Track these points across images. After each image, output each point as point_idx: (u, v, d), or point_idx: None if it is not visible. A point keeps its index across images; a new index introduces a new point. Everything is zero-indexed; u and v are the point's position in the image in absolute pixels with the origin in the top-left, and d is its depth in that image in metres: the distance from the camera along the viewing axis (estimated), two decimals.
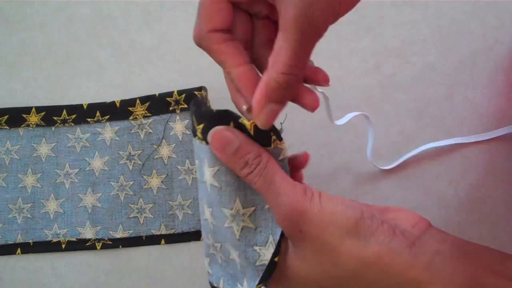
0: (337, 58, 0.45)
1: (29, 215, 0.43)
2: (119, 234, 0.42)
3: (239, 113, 0.28)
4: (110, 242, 0.42)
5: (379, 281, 0.27)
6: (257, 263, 0.29)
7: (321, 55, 0.45)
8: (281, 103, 0.26)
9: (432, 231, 0.28)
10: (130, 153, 0.43)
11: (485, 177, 0.43)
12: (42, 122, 0.44)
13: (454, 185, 0.43)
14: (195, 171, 0.41)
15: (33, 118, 0.44)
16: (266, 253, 0.28)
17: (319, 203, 0.27)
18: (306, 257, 0.27)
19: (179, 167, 0.43)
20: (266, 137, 0.27)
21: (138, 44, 0.45)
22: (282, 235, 0.28)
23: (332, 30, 0.46)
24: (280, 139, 0.28)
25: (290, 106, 0.28)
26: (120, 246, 0.42)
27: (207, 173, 0.28)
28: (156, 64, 0.45)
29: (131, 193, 0.43)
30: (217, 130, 0.26)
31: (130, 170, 0.43)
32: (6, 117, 0.44)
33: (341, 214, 0.27)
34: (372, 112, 0.44)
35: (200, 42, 0.27)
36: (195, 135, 0.28)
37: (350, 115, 0.37)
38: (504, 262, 0.27)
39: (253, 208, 0.29)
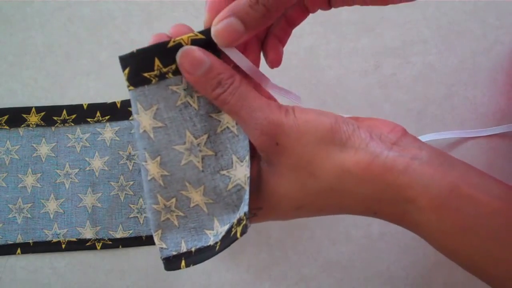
0: (337, 58, 0.45)
1: (29, 215, 0.43)
2: (119, 234, 0.42)
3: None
4: (110, 242, 0.42)
5: (358, 188, 0.26)
6: (229, 187, 0.28)
7: (321, 55, 0.45)
8: (244, 23, 0.25)
9: (408, 137, 0.28)
10: (130, 153, 0.43)
11: None
12: (42, 122, 0.44)
13: None
14: None
15: (33, 118, 0.44)
16: (236, 173, 0.27)
17: (293, 115, 0.26)
18: (283, 172, 0.27)
19: None
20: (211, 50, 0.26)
21: (138, 44, 0.45)
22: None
23: (333, 30, 0.46)
24: (218, 55, 0.27)
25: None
26: (120, 246, 0.42)
27: (145, 118, 0.27)
28: None
29: (131, 193, 0.43)
30: (186, 50, 0.25)
31: (130, 170, 0.43)
32: (6, 117, 0.44)
33: (315, 121, 0.26)
34: (372, 112, 0.44)
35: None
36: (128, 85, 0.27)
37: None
38: (482, 178, 0.27)
39: (206, 136, 0.28)
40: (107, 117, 0.44)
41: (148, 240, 0.42)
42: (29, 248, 0.42)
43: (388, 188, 0.26)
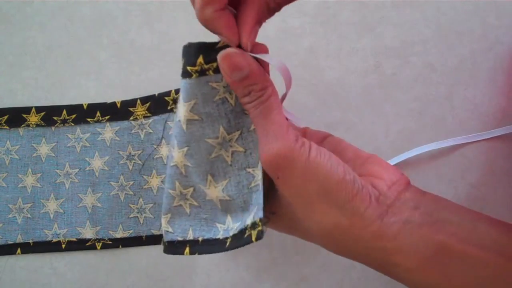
0: (337, 58, 0.45)
1: (29, 215, 0.43)
2: (119, 234, 0.42)
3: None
4: (110, 242, 0.42)
5: (349, 245, 0.27)
6: (252, 185, 0.28)
7: (321, 55, 0.45)
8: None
9: (407, 195, 0.28)
10: (130, 153, 0.43)
11: (485, 177, 0.43)
12: (42, 122, 0.44)
13: (454, 185, 0.43)
14: None
15: (33, 118, 0.44)
16: (259, 173, 0.28)
17: (307, 154, 0.26)
18: (281, 201, 0.28)
19: None
20: None
21: (138, 44, 0.45)
22: None
23: (333, 30, 0.46)
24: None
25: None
26: (120, 246, 0.42)
27: (182, 109, 0.27)
28: (156, 64, 0.45)
29: (131, 193, 0.43)
30: (230, 53, 0.26)
31: (130, 170, 0.43)
32: (6, 117, 0.44)
33: (325, 171, 0.26)
34: (372, 112, 0.44)
35: (207, 23, 0.26)
36: (183, 74, 0.27)
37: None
38: (475, 227, 0.27)
39: (238, 132, 0.28)
40: (107, 117, 0.44)
41: (148, 240, 0.42)
42: (29, 248, 0.42)
43: (377, 251, 0.27)
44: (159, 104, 0.43)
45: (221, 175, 0.29)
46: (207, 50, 0.26)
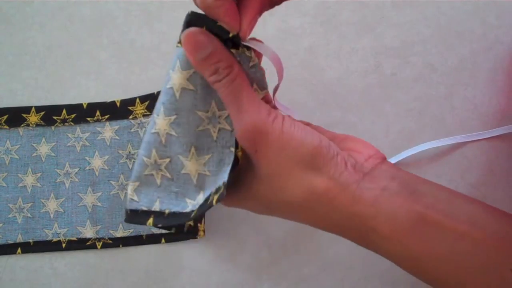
0: (337, 58, 0.45)
1: (29, 215, 0.43)
2: (119, 233, 0.42)
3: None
4: (111, 241, 0.42)
5: (325, 212, 0.27)
6: (233, 163, 0.28)
7: (321, 55, 0.45)
8: None
9: (384, 167, 0.28)
10: (130, 152, 0.43)
11: (485, 177, 0.43)
12: (41, 121, 0.44)
13: (454, 185, 0.43)
14: None
15: (33, 118, 0.44)
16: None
17: (281, 126, 0.26)
18: (258, 174, 0.28)
19: None
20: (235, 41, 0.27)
21: (138, 44, 0.45)
22: None
23: (333, 30, 0.46)
24: (242, 46, 0.27)
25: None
26: (121, 245, 0.42)
27: (178, 77, 0.27)
28: (156, 64, 0.45)
29: None
30: (191, 32, 0.26)
31: (130, 169, 0.43)
32: (5, 116, 0.44)
33: (299, 140, 0.26)
34: (372, 112, 0.44)
35: (207, 7, 0.26)
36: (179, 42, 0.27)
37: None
38: (451, 201, 0.27)
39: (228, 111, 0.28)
40: (106, 116, 0.44)
41: (148, 239, 0.42)
42: (29, 247, 0.42)
43: (353, 217, 0.27)
44: None
45: (205, 149, 0.29)
46: (211, 22, 0.26)
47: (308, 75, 0.45)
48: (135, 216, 0.29)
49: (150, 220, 0.29)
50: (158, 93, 0.43)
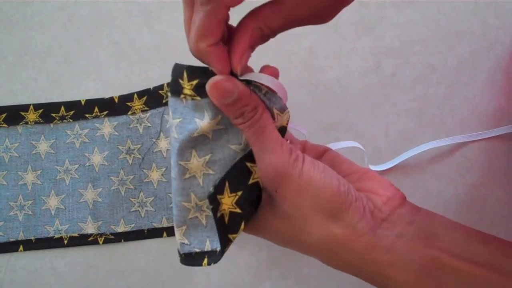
0: (337, 58, 0.45)
1: (30, 212, 0.43)
2: (121, 228, 0.42)
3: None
4: (112, 237, 0.42)
5: (343, 256, 0.28)
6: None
7: (321, 55, 0.45)
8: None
9: (402, 211, 0.28)
10: (129, 148, 0.43)
11: (484, 177, 0.43)
12: (40, 119, 0.44)
13: (454, 185, 0.43)
14: None
15: (31, 116, 0.44)
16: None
17: (301, 167, 0.27)
18: (279, 214, 0.28)
19: None
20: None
21: (138, 44, 0.45)
22: None
23: (333, 30, 0.46)
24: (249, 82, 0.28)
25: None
26: (122, 240, 0.42)
27: (208, 125, 0.28)
28: (156, 64, 0.45)
29: (132, 187, 0.43)
30: (217, 81, 0.26)
31: (130, 164, 0.43)
32: (4, 115, 0.44)
33: (319, 184, 0.27)
34: (372, 112, 0.44)
35: (200, 55, 0.27)
36: (178, 94, 0.28)
37: (346, 144, 0.39)
38: (466, 242, 0.27)
39: None
40: (105, 112, 0.44)
41: (149, 234, 0.42)
42: (31, 245, 0.42)
43: (369, 263, 0.27)
44: (155, 97, 0.43)
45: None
46: (198, 69, 0.27)
47: (308, 75, 0.45)
48: (190, 258, 0.30)
49: (205, 261, 0.29)
50: (154, 88, 0.43)
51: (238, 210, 0.29)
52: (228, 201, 0.29)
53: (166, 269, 0.42)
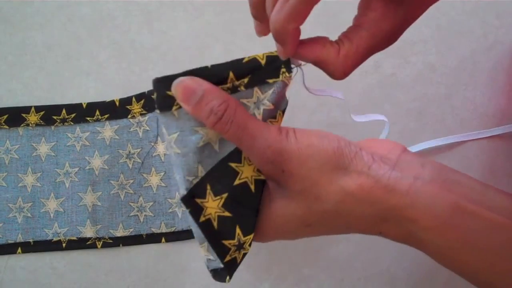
0: None
1: (29, 215, 0.43)
2: (119, 233, 0.42)
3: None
4: (111, 241, 0.42)
5: (362, 210, 0.26)
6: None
7: None
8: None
9: (408, 155, 0.28)
10: (130, 152, 0.43)
11: (484, 177, 0.43)
12: (41, 121, 0.44)
13: None
14: None
15: (33, 118, 0.44)
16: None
17: (295, 139, 0.26)
18: (291, 195, 0.27)
19: None
20: (274, 67, 0.28)
21: (138, 44, 0.45)
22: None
23: (333, 30, 0.46)
24: (290, 71, 0.28)
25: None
26: (121, 245, 0.42)
27: (213, 134, 0.27)
28: (156, 64, 0.45)
29: (131, 191, 0.43)
30: (179, 81, 0.26)
31: (130, 169, 0.43)
32: (5, 116, 0.44)
33: (318, 146, 0.26)
34: (372, 112, 0.44)
35: (281, 35, 0.28)
36: (169, 107, 0.27)
37: (372, 117, 0.37)
38: (484, 192, 0.27)
39: None
40: (106, 116, 0.44)
41: (148, 239, 0.42)
42: (29, 247, 0.42)
43: (391, 210, 0.26)
44: (151, 101, 0.43)
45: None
46: (236, 67, 0.26)
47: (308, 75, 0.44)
48: (218, 275, 0.31)
49: (227, 278, 0.30)
50: (148, 91, 0.43)
51: (227, 214, 0.28)
52: (213, 205, 0.28)
53: (166, 269, 0.42)
